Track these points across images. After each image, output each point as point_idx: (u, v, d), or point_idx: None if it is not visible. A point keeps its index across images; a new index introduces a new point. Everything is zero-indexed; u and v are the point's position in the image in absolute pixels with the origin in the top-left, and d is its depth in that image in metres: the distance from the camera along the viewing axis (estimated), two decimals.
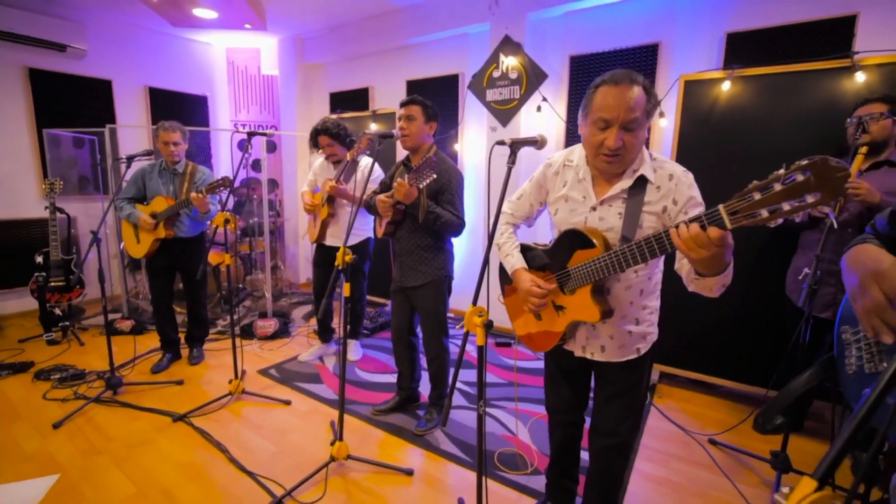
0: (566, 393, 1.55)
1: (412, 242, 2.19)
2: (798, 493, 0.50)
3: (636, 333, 1.34)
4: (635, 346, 1.35)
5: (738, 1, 2.74)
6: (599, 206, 1.28)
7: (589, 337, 1.38)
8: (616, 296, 1.30)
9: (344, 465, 2.01)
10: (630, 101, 1.13)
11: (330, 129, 2.77)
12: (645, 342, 1.35)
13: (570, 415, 1.58)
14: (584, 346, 1.39)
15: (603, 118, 1.16)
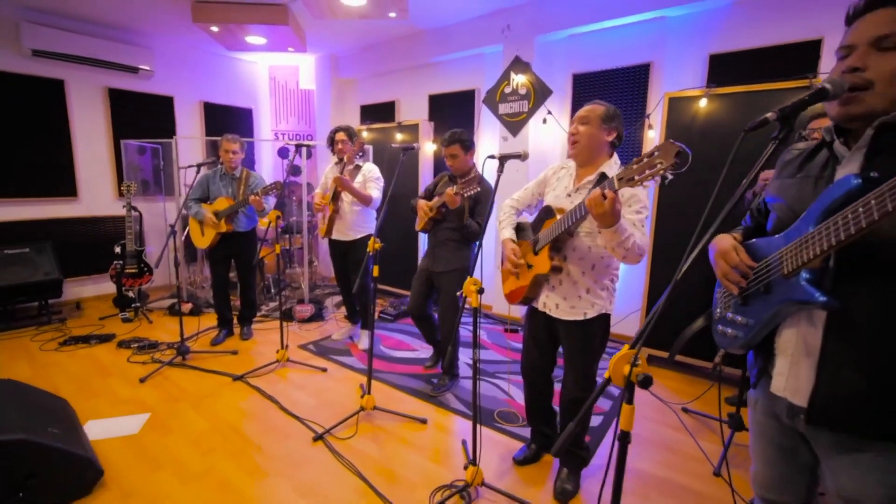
0: (534, 357, 2.00)
1: (446, 237, 2.69)
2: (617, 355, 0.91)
3: (584, 300, 1.76)
4: (583, 310, 1.76)
5: (720, 26, 3.10)
6: (574, 193, 1.77)
7: (549, 295, 1.83)
8: (571, 264, 1.76)
9: (371, 414, 2.48)
10: (592, 112, 1.73)
11: (348, 129, 3.26)
12: (592, 309, 1.76)
13: (536, 375, 2.02)
14: (545, 302, 1.85)
15: (574, 119, 1.77)
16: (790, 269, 0.91)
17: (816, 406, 0.92)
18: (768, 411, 1.08)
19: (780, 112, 0.89)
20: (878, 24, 0.86)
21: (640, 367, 0.88)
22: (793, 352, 0.97)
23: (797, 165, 1.03)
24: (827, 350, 0.90)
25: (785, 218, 1.00)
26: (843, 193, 0.84)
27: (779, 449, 1.09)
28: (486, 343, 3.60)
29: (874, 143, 0.87)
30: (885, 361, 0.85)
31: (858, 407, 0.87)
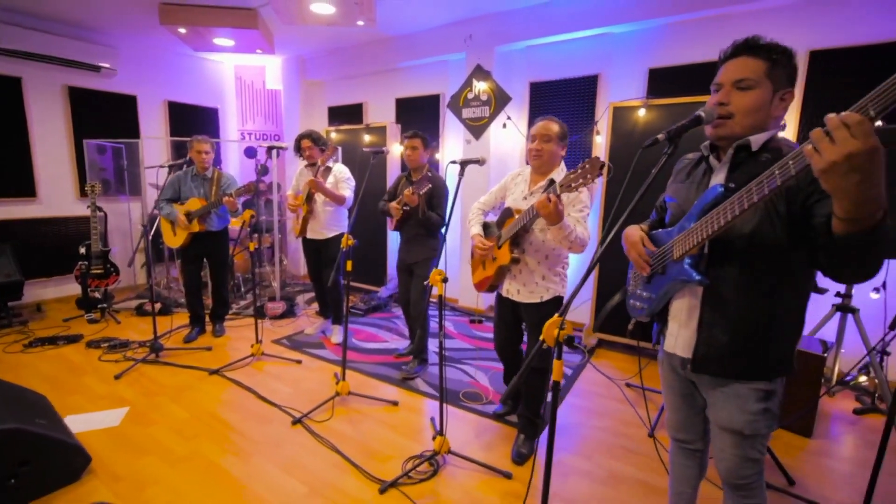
0: (504, 335, 2.33)
1: (415, 231, 2.96)
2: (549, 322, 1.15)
3: (541, 285, 2.07)
4: (539, 294, 2.07)
5: (658, 43, 3.47)
6: (529, 196, 2.09)
7: (511, 283, 2.15)
8: (529, 255, 2.08)
9: (346, 399, 2.67)
10: (547, 130, 2.03)
11: (312, 135, 3.39)
12: (548, 293, 2.07)
13: (507, 350, 2.34)
14: (508, 289, 2.17)
15: (532, 136, 2.07)
16: (678, 254, 1.20)
17: (697, 357, 1.21)
18: (668, 366, 1.38)
19: (668, 134, 1.16)
20: (738, 69, 1.14)
21: (565, 330, 1.14)
22: (681, 318, 1.26)
23: (686, 173, 1.33)
24: (703, 316, 1.20)
25: (677, 214, 1.29)
26: (712, 198, 1.13)
27: (680, 396, 1.39)
28: (453, 333, 3.85)
29: (733, 160, 1.17)
30: (740, 324, 1.15)
31: (725, 356, 1.18)
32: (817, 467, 2.18)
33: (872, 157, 0.74)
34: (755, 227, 1.09)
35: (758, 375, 1.16)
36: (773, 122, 1.14)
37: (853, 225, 0.83)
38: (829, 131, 0.76)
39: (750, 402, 1.17)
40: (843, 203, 0.81)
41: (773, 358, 1.15)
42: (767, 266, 1.11)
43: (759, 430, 1.18)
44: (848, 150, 0.74)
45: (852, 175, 0.76)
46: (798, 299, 1.15)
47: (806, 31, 2.98)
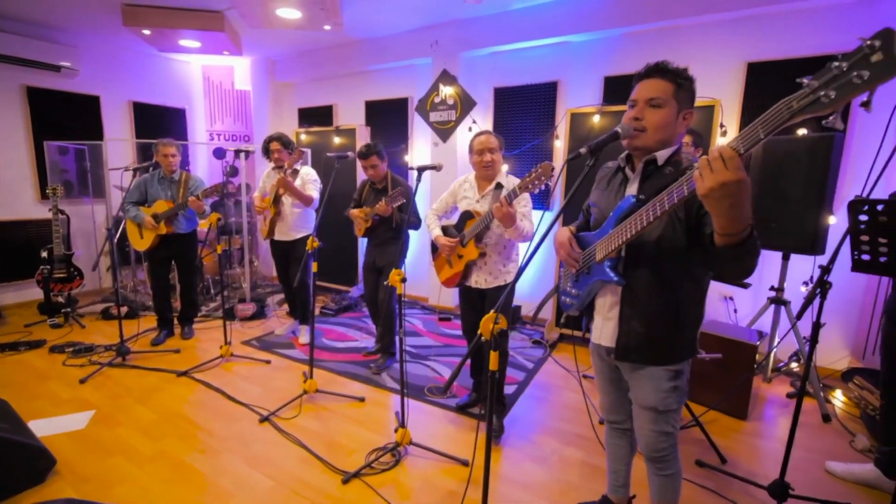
0: (471, 319, 2.53)
1: (385, 237, 3.08)
2: (486, 317, 1.28)
3: (503, 271, 2.39)
4: (503, 279, 2.38)
5: (613, 53, 3.65)
6: (481, 199, 2.38)
7: (478, 274, 2.39)
8: (490, 248, 2.35)
9: (314, 397, 2.75)
10: (490, 143, 2.31)
11: (281, 138, 3.44)
12: (510, 276, 2.39)
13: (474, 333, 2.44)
14: (476, 280, 2.41)
15: (479, 150, 2.33)
16: (600, 257, 1.35)
17: (620, 347, 1.37)
18: (597, 355, 1.55)
19: (589, 147, 1.31)
20: (650, 89, 1.30)
21: (500, 324, 1.26)
22: (604, 312, 1.42)
23: (607, 181, 1.48)
24: (623, 311, 1.36)
25: (599, 218, 1.44)
26: (627, 208, 1.28)
27: (609, 380, 1.56)
28: (422, 331, 3.96)
29: (643, 172, 1.32)
30: (653, 316, 1.32)
31: (642, 344, 1.34)
32: (749, 446, 2.39)
33: (741, 186, 0.91)
34: (661, 232, 1.27)
35: (669, 359, 1.34)
36: (676, 138, 1.32)
37: (727, 239, 1.02)
38: (710, 162, 0.93)
39: (662, 381, 1.34)
40: (719, 221, 1.00)
41: (680, 343, 1.33)
42: (672, 265, 1.28)
43: (671, 405, 1.36)
44: (722, 179, 0.91)
45: (725, 199, 0.93)
46: (698, 292, 1.33)
47: (744, 45, 3.21)
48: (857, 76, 0.76)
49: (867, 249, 1.49)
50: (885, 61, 0.75)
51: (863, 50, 0.77)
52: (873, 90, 0.76)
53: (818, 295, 1.79)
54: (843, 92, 0.77)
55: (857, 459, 2.25)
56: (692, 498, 1.97)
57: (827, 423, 2.62)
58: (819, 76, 0.82)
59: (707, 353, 2.63)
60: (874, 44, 0.76)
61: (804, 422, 2.64)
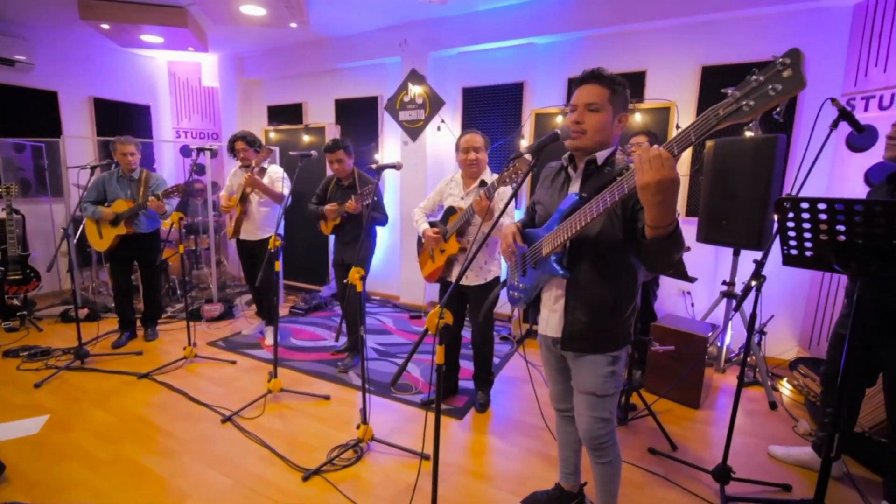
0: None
1: (354, 234, 3.07)
2: (431, 313, 1.32)
3: (483, 269, 2.47)
4: (484, 276, 2.46)
5: (576, 55, 3.74)
6: (465, 196, 2.46)
7: (459, 269, 2.36)
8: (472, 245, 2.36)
9: (278, 396, 2.74)
10: (475, 142, 2.40)
11: (246, 137, 3.39)
12: (490, 275, 2.47)
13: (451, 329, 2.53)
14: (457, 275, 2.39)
15: (465, 149, 2.41)
16: (546, 252, 1.41)
17: (565, 336, 1.44)
18: (544, 346, 1.61)
19: (530, 149, 1.36)
20: (588, 94, 1.37)
21: (444, 319, 1.30)
22: (550, 304, 1.48)
23: (550, 179, 1.55)
24: (567, 302, 1.43)
25: (543, 215, 1.50)
26: (570, 205, 1.34)
27: (556, 370, 1.62)
28: (392, 329, 3.98)
29: (585, 172, 1.39)
30: (594, 306, 1.39)
31: (585, 333, 1.41)
32: (699, 434, 2.50)
33: (673, 184, 1.02)
34: (601, 227, 1.34)
35: (608, 347, 1.42)
36: (613, 140, 1.39)
37: (657, 231, 1.10)
38: (649, 159, 1.01)
39: (602, 367, 1.43)
40: (650, 213, 1.08)
41: (618, 331, 1.42)
42: (611, 258, 1.36)
43: (608, 390, 1.44)
44: (658, 176, 1.00)
45: (657, 195, 1.03)
46: (633, 283, 1.42)
47: (699, 49, 3.34)
48: (772, 89, 0.87)
49: (794, 245, 1.59)
50: (793, 77, 0.86)
51: (776, 66, 0.88)
52: (785, 101, 0.87)
53: (754, 288, 1.90)
54: (760, 102, 0.88)
55: (798, 443, 2.38)
56: (642, 484, 2.06)
57: (773, 410, 2.76)
58: (741, 87, 0.92)
59: (661, 346, 2.74)
60: (785, 61, 0.87)
61: (752, 409, 2.78)
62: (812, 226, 1.53)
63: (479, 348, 2.65)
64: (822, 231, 1.51)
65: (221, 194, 3.66)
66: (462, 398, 2.77)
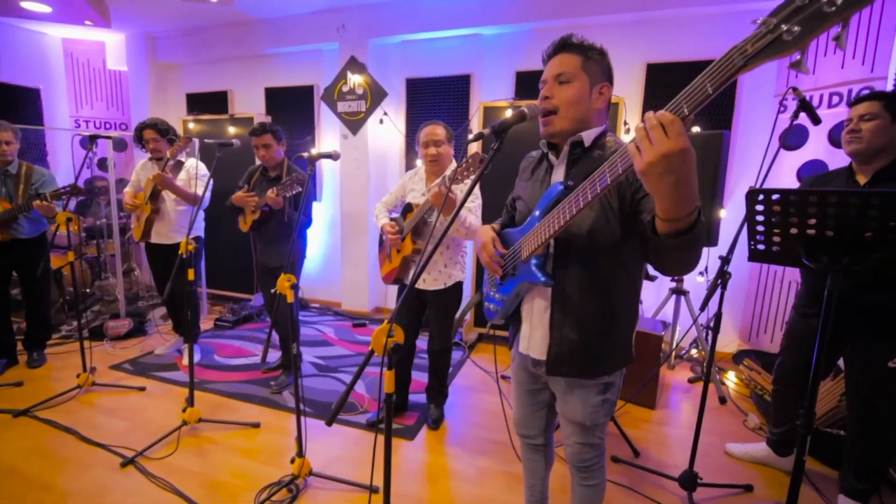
0: (405, 321, 2.32)
1: (277, 232, 2.70)
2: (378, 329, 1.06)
3: (443, 272, 2.25)
4: (443, 281, 2.24)
5: (524, 47, 3.62)
6: (427, 192, 2.21)
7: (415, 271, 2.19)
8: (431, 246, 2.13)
9: (196, 428, 2.33)
10: (436, 135, 2.19)
11: (157, 125, 2.93)
12: (450, 279, 2.26)
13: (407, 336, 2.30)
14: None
15: (424, 142, 2.20)
16: (525, 255, 1.18)
17: (551, 357, 1.21)
18: (521, 365, 1.38)
19: (492, 128, 1.14)
20: (557, 65, 1.17)
21: (394, 337, 1.05)
22: (533, 319, 1.26)
23: (530, 171, 1.33)
24: (553, 316, 1.20)
25: (524, 212, 1.28)
26: (553, 197, 1.12)
27: (527, 391, 1.41)
28: (332, 339, 3.63)
29: (570, 156, 1.18)
30: (586, 320, 1.17)
31: (575, 354, 1.18)
32: (659, 436, 2.43)
33: (685, 157, 0.75)
34: (593, 223, 1.12)
35: (602, 370, 1.20)
36: (596, 115, 1.17)
37: (672, 224, 0.85)
38: (648, 130, 0.77)
39: (591, 394, 1.22)
40: (662, 203, 0.83)
41: (615, 351, 1.20)
42: (605, 261, 1.14)
43: (598, 419, 1.24)
44: (663, 150, 0.74)
45: (668, 175, 0.76)
46: (633, 290, 1.21)
47: (645, 46, 3.33)
48: (829, 3, 0.61)
49: (762, 240, 1.50)
50: None
51: None
52: (847, 20, 0.64)
53: (720, 285, 1.82)
54: (811, 25, 0.62)
55: (751, 438, 2.37)
56: (608, 498, 1.92)
57: (723, 404, 2.77)
58: (778, 11, 0.66)
59: None
60: None
61: None
62: (782, 219, 1.45)
63: (437, 358, 2.43)
64: (793, 224, 1.44)
65: (126, 190, 3.13)
66: (413, 415, 2.52)
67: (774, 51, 0.66)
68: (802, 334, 1.91)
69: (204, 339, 3.55)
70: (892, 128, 1.64)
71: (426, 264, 1.13)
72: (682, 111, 0.75)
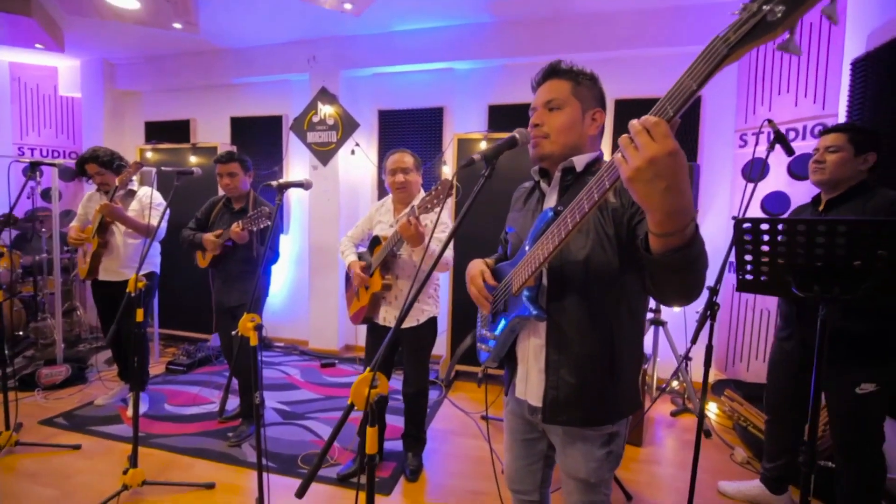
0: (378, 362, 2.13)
1: (238, 269, 2.51)
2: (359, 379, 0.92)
3: (416, 308, 2.10)
4: (415, 317, 2.11)
5: (496, 82, 3.67)
6: (395, 224, 2.12)
7: (387, 310, 2.13)
8: (401, 280, 2.09)
9: (140, 492, 2.02)
10: (403, 162, 2.10)
11: (99, 157, 2.69)
12: (423, 315, 2.13)
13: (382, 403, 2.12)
14: (385, 317, 2.14)
15: (391, 170, 2.11)
16: (516, 287, 1.08)
17: (547, 403, 1.09)
18: (516, 412, 1.25)
19: (483, 155, 1.06)
20: (547, 92, 1.13)
21: (377, 388, 0.91)
22: (529, 360, 1.14)
23: (523, 201, 1.26)
24: (549, 356, 1.09)
25: (516, 244, 1.20)
26: (544, 223, 1.03)
27: (521, 443, 1.27)
28: (299, 382, 3.37)
29: (562, 183, 1.12)
30: (585, 360, 1.07)
31: (574, 400, 1.07)
32: (650, 476, 2.32)
33: (674, 159, 0.68)
34: (589, 252, 1.04)
35: (605, 418, 1.09)
36: (590, 141, 1.13)
37: (667, 240, 0.77)
38: (633, 137, 0.71)
39: (595, 447, 1.10)
40: (654, 215, 0.75)
41: (620, 397, 1.09)
42: (604, 294, 1.05)
43: (603, 475, 1.12)
44: (650, 154, 0.68)
45: (657, 182, 0.69)
46: (636, 327, 1.12)
47: (613, 83, 3.41)
48: None
49: (750, 269, 1.47)
50: None
51: None
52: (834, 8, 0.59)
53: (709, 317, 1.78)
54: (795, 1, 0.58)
55: (740, 473, 2.31)
56: None
57: (708, 438, 2.71)
58: None
59: None
60: None
61: (688, 440, 2.70)
62: (771, 248, 1.43)
63: (414, 402, 2.25)
64: (780, 254, 1.42)
65: (72, 225, 2.87)
66: (388, 465, 2.31)
67: (760, 33, 0.61)
68: (778, 362, 1.91)
69: (154, 385, 3.21)
70: (855, 161, 1.69)
71: (410, 307, 1.01)
72: (666, 113, 0.70)
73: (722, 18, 0.65)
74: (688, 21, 3.16)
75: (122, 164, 2.73)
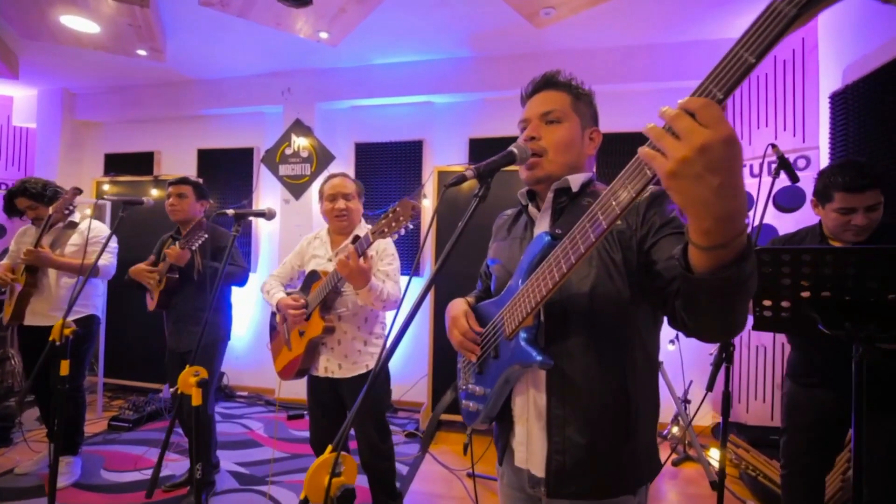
0: (324, 426, 1.89)
1: (191, 306, 2.23)
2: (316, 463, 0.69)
3: (364, 353, 1.84)
4: (364, 363, 1.83)
5: (476, 116, 3.61)
6: (334, 257, 1.89)
7: (329, 358, 1.82)
8: (345, 322, 1.80)
9: None
10: (345, 187, 1.90)
11: (28, 189, 2.39)
12: (373, 360, 1.83)
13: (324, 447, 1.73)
14: (326, 366, 1.82)
15: (330, 195, 1.90)
16: (510, 329, 0.89)
17: (552, 475, 0.88)
18: (514, 484, 1.02)
19: (477, 170, 0.89)
20: (543, 102, 0.98)
21: (341, 477, 0.68)
22: (530, 418, 0.93)
23: (507, 229, 1.09)
24: (552, 411, 0.89)
25: (503, 277, 1.01)
26: (539, 250, 0.86)
27: None
28: (261, 438, 3.00)
29: (555, 205, 0.95)
30: (595, 415, 0.87)
31: (583, 467, 0.86)
32: None
33: (731, 148, 0.51)
34: (593, 282, 0.87)
35: (624, 487, 0.88)
36: (588, 163, 1.01)
37: (718, 255, 0.59)
38: (670, 126, 0.53)
39: None
40: (702, 223, 0.56)
41: (637, 459, 0.88)
42: (613, 330, 0.87)
43: None
44: (700, 141, 0.51)
45: (710, 177, 0.52)
46: (650, 371, 0.93)
47: None
48: None
49: (769, 305, 1.32)
50: None
51: None
52: None
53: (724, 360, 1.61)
54: None
55: None
56: None
57: (715, 490, 2.47)
58: None
59: None
60: None
61: (694, 494, 2.48)
62: (792, 281, 1.29)
63: (373, 469, 1.91)
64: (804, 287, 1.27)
65: (3, 263, 2.54)
66: None
67: None
68: (807, 407, 1.71)
69: (91, 446, 2.78)
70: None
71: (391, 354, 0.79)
72: (715, 96, 0.53)
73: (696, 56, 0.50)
74: (665, 57, 3.20)
75: (59, 193, 2.43)
